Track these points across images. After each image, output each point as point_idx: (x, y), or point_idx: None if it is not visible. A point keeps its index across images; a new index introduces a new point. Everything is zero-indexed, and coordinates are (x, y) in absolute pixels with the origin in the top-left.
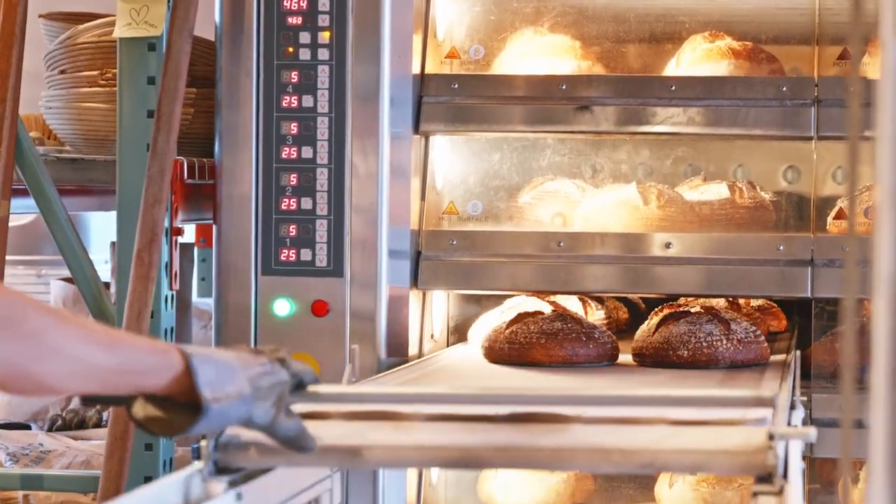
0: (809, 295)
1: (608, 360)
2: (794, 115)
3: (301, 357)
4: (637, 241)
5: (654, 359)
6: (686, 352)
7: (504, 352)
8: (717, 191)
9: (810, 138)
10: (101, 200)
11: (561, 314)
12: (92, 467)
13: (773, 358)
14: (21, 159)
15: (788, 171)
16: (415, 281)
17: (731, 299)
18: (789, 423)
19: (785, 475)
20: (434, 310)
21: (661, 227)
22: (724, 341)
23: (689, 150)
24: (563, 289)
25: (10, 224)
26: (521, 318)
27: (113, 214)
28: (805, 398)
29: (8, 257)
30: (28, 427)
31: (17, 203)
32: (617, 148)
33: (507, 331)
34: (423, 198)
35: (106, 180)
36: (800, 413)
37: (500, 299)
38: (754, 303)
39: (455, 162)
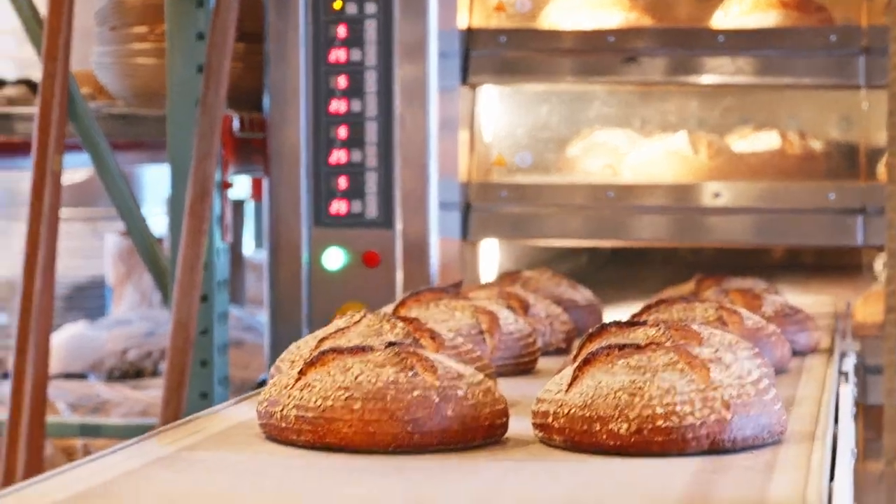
0: (860, 243)
1: (484, 438)
2: (843, 64)
3: (353, 307)
4: (686, 191)
5: (569, 437)
6: (626, 424)
7: (290, 426)
8: (766, 140)
9: (859, 87)
10: (152, 154)
11: (407, 343)
12: (149, 416)
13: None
14: (74, 115)
15: (839, 120)
16: (465, 232)
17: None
18: (840, 371)
19: None
20: (484, 262)
21: (710, 176)
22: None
23: (738, 100)
24: (613, 238)
25: (65, 180)
26: (325, 357)
27: (167, 168)
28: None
29: (63, 212)
30: (86, 378)
31: (70, 158)
32: (665, 99)
33: (298, 385)
34: (471, 150)
35: (157, 135)
36: (851, 360)
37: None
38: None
39: (503, 114)
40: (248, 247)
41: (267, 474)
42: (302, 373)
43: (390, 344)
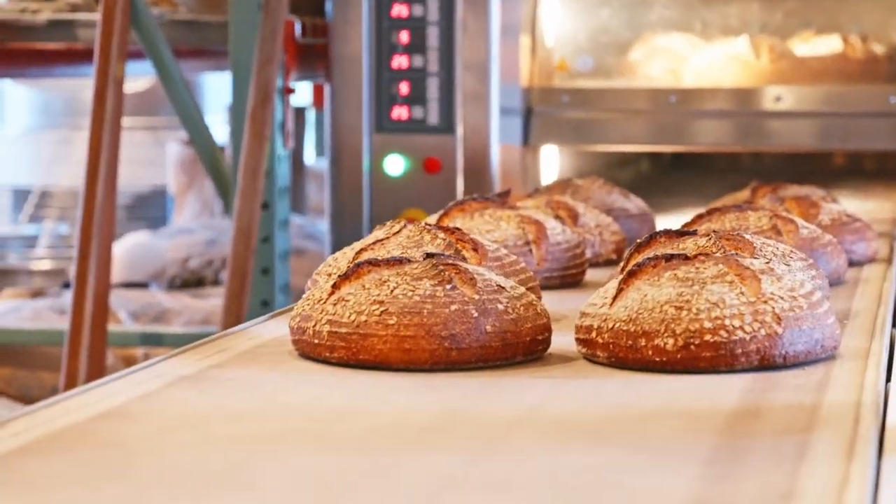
0: None
1: (525, 354)
2: None
3: (414, 213)
4: (747, 96)
5: (613, 353)
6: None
7: (323, 343)
8: (828, 44)
9: None
10: (215, 62)
11: (446, 256)
12: (210, 325)
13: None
14: (136, 22)
15: None
16: (525, 138)
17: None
18: None
19: None
20: (545, 169)
21: (771, 80)
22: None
23: (800, 3)
24: (674, 143)
25: (128, 88)
26: (360, 269)
27: (228, 76)
28: None
29: (125, 121)
30: (147, 286)
31: (133, 66)
32: (726, 2)
33: (332, 299)
34: (533, 55)
35: (220, 41)
36: None
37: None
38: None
39: (564, 18)
40: (310, 155)
41: (297, 392)
42: (336, 286)
43: (428, 255)
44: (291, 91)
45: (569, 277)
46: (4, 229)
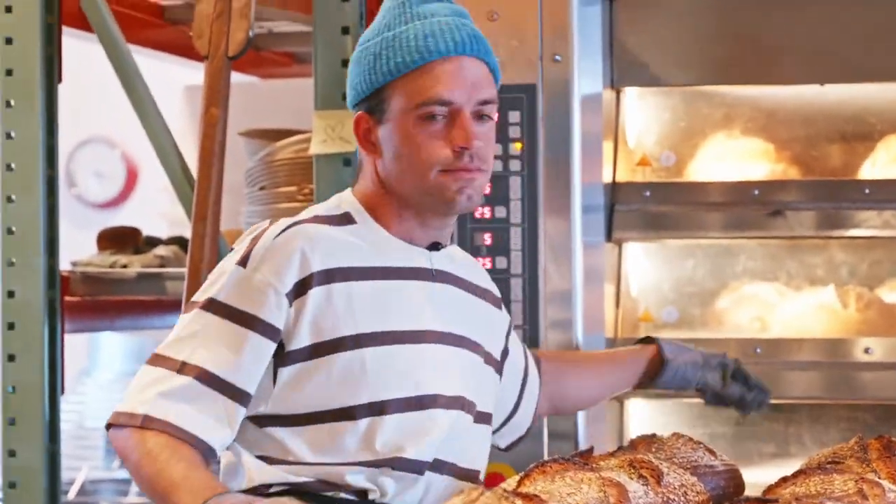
0: None
1: None
2: None
3: (499, 468)
4: (836, 346)
5: None
6: None
7: None
8: None
9: None
10: None
11: None
12: None
13: None
14: None
15: None
16: None
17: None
18: None
19: None
20: (633, 422)
21: (860, 330)
22: None
23: (888, 251)
24: None
25: None
26: None
27: None
28: None
29: None
30: None
31: None
32: (812, 251)
33: None
34: (617, 305)
35: None
36: None
37: None
38: None
39: (649, 268)
40: None
41: None
42: None
43: None
44: None
45: None
46: (97, 474)
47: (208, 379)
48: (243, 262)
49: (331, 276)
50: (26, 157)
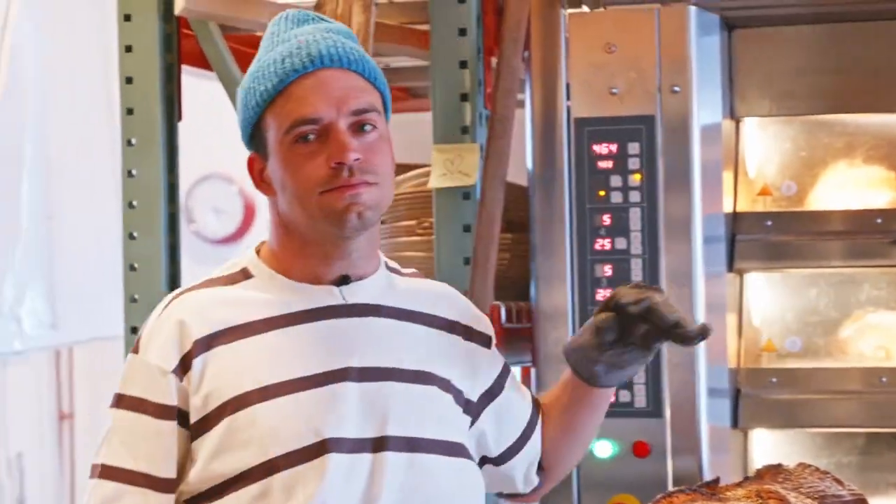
0: None
1: None
2: None
3: (623, 499)
4: None
5: None
6: None
7: None
8: None
9: None
10: None
11: None
12: None
13: None
14: None
15: None
16: (734, 420)
17: None
18: None
19: None
20: (755, 452)
21: None
22: None
23: None
24: (888, 424)
25: None
26: None
27: None
28: None
29: None
30: None
31: None
32: None
33: None
34: (739, 335)
35: None
36: None
37: None
38: None
39: (771, 298)
40: None
41: None
42: None
43: None
44: None
45: None
46: None
47: (123, 476)
48: (136, 348)
49: (213, 340)
50: (148, 194)
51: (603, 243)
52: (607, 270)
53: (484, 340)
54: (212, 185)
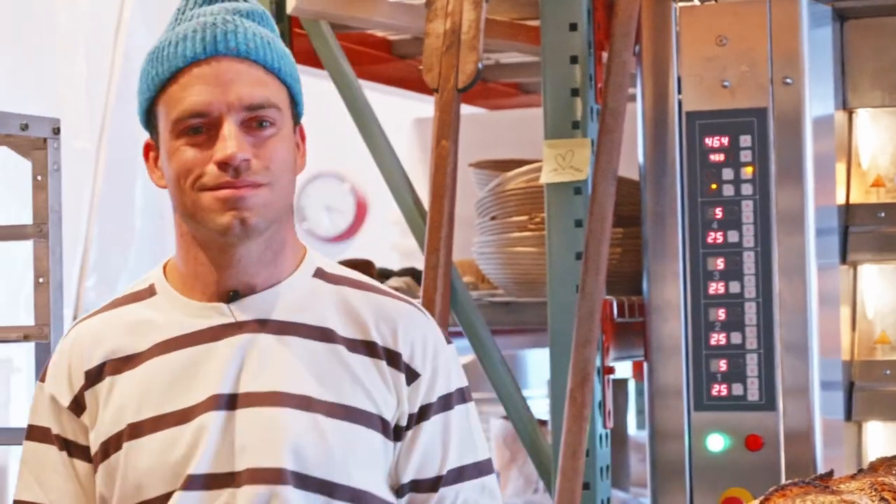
0: None
1: None
2: None
3: (736, 492)
4: None
5: None
6: None
7: None
8: None
9: None
10: (533, 339)
11: None
12: None
13: None
14: (455, 304)
15: None
16: (848, 413)
17: None
18: None
19: None
20: (870, 445)
21: None
22: None
23: None
24: None
25: None
26: None
27: (547, 351)
28: None
29: None
30: None
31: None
32: None
33: None
34: (853, 328)
35: (537, 321)
36: None
37: None
38: None
39: (884, 290)
40: (631, 425)
41: None
42: None
43: None
44: (611, 371)
45: None
46: None
47: None
48: (42, 376)
49: (103, 373)
50: None
51: (715, 236)
52: (720, 264)
53: (410, 374)
54: (324, 183)
